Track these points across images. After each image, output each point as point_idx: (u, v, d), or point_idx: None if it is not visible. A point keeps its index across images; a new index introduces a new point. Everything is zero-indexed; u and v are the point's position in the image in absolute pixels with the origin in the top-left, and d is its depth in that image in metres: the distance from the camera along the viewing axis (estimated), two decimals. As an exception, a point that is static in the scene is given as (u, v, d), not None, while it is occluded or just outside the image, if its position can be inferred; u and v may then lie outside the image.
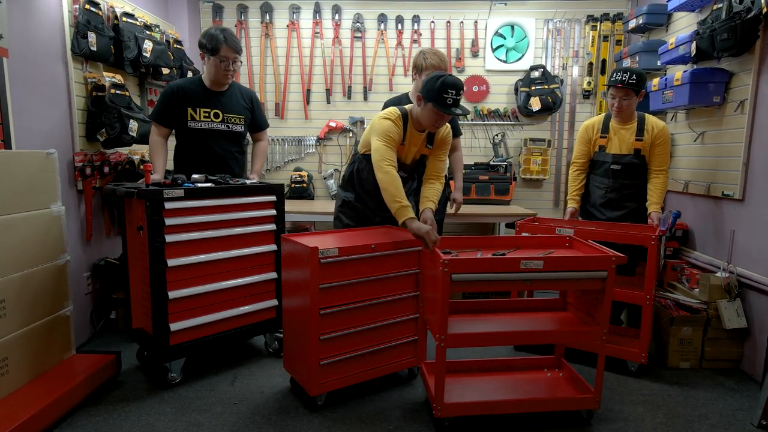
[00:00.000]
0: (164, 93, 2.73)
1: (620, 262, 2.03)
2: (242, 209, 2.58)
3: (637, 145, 2.79)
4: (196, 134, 2.74)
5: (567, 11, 4.19)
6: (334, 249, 2.14)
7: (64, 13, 2.75)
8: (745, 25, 2.54)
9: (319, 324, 2.15)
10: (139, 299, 2.58)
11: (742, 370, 2.73)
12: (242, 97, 2.87)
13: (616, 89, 2.74)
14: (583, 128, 2.98)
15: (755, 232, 2.65)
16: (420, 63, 2.78)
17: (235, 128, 2.83)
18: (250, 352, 2.87)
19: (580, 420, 2.19)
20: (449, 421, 2.08)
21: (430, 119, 2.34)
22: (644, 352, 2.59)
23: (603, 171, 2.88)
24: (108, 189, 2.60)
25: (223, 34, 2.64)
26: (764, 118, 2.62)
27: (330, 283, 2.16)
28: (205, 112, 2.74)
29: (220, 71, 2.69)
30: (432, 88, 2.26)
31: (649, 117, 2.83)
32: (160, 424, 2.13)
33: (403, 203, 2.25)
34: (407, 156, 2.54)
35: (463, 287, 2.07)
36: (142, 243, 2.44)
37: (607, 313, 2.08)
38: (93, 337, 3.02)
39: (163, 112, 2.72)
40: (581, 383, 2.27)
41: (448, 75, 2.30)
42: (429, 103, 2.29)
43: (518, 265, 1.97)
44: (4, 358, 2.03)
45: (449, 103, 2.26)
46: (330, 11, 4.23)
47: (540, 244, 2.42)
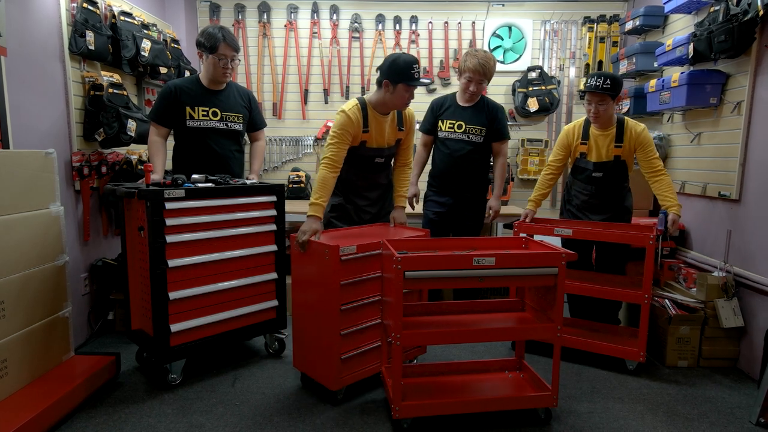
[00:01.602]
0: (162, 92, 2.71)
1: (570, 259, 2.06)
2: (243, 209, 2.58)
3: (617, 152, 2.77)
4: (195, 133, 2.73)
5: (564, 12, 4.22)
6: (353, 246, 2.20)
7: (62, 12, 2.72)
8: (742, 28, 2.56)
9: (340, 320, 2.21)
10: (138, 300, 2.56)
11: (739, 369, 2.76)
12: (240, 95, 2.87)
13: (591, 95, 2.69)
14: (563, 133, 2.94)
15: (751, 231, 2.68)
16: (461, 65, 2.93)
17: (234, 126, 2.82)
18: (249, 353, 2.86)
19: (538, 419, 2.20)
20: (408, 422, 2.09)
21: (402, 98, 2.47)
22: (643, 351, 2.61)
23: (585, 178, 2.89)
24: (107, 189, 2.58)
25: (221, 32, 2.64)
26: (760, 119, 2.65)
27: (349, 280, 2.23)
28: (203, 110, 2.72)
29: (219, 69, 2.68)
30: (397, 70, 2.39)
31: (628, 121, 2.77)
32: (161, 426, 2.12)
33: (314, 201, 2.39)
34: (378, 141, 2.58)
35: (417, 284, 2.10)
36: (141, 243, 2.43)
37: (560, 309, 2.10)
38: (91, 338, 2.99)
39: (161, 111, 2.70)
40: (540, 383, 2.27)
41: (403, 54, 2.46)
42: (399, 84, 2.41)
43: (471, 262, 1.99)
44: (4, 360, 2.01)
45: (416, 77, 2.41)
46: (328, 11, 4.23)
47: (496, 245, 2.44)
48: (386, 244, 2.12)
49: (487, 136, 3.02)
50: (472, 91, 2.93)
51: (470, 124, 2.99)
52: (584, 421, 2.21)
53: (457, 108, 3.03)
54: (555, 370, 2.15)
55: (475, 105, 3.01)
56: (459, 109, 3.03)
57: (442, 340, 2.18)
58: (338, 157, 2.43)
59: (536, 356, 2.86)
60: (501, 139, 3.05)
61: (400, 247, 2.17)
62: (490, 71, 2.90)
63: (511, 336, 2.44)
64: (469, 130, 2.99)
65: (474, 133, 3.00)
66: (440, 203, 3.09)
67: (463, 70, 2.90)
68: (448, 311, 2.43)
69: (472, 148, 3.00)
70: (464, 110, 3.01)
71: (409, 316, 2.34)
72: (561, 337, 2.11)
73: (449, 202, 3.06)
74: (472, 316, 2.41)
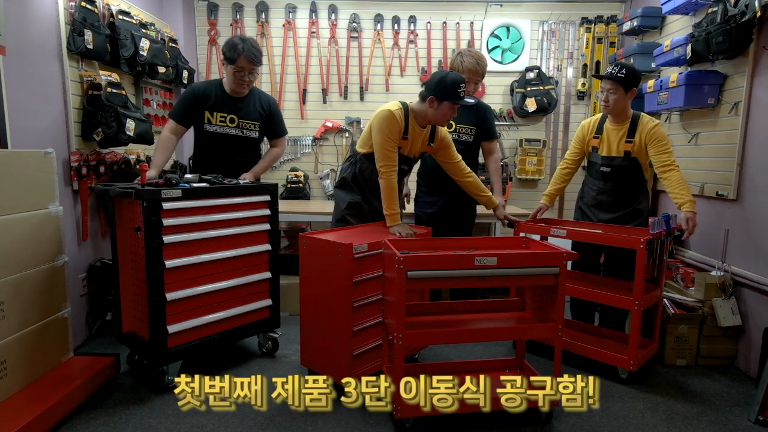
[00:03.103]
0: (186, 93, 2.81)
1: (571, 258, 2.07)
2: (237, 209, 2.58)
3: (627, 147, 2.70)
4: (212, 137, 2.81)
5: (561, 13, 4.23)
6: (364, 245, 2.23)
7: (60, 11, 2.70)
8: (739, 29, 2.58)
9: (352, 316, 2.23)
10: (130, 302, 2.53)
11: (737, 367, 2.78)
12: (260, 103, 2.92)
13: (604, 81, 2.70)
14: (579, 127, 2.96)
15: (749, 231, 2.71)
16: (457, 65, 2.90)
17: (249, 134, 2.88)
18: (243, 354, 2.86)
19: (540, 418, 2.21)
20: (410, 422, 2.10)
21: (446, 115, 2.54)
22: (633, 359, 2.47)
23: (594, 173, 2.85)
24: (98, 189, 2.54)
25: (243, 44, 2.69)
26: (758, 119, 2.67)
27: (361, 277, 2.27)
28: (221, 116, 2.80)
29: (236, 80, 2.75)
30: (445, 88, 2.45)
31: (642, 117, 2.73)
32: (162, 427, 2.11)
33: (394, 212, 2.53)
34: (411, 150, 2.65)
35: (419, 284, 2.11)
36: (134, 245, 2.41)
37: (561, 309, 2.10)
38: (89, 339, 2.97)
39: (182, 111, 2.79)
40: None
41: (450, 72, 2.53)
42: (444, 102, 2.47)
43: (473, 262, 2.00)
44: (3, 361, 2.00)
45: (462, 96, 2.49)
46: (326, 11, 4.22)
47: (497, 244, 2.45)
48: (388, 244, 2.13)
49: (477, 136, 3.04)
50: (470, 91, 2.93)
51: (460, 124, 3.00)
52: (585, 420, 2.23)
53: None
54: (556, 369, 2.15)
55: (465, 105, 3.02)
56: None
57: (444, 340, 2.19)
58: (396, 161, 2.53)
59: (536, 356, 2.87)
60: (490, 139, 3.07)
61: (401, 246, 2.18)
62: (485, 70, 2.94)
63: (513, 335, 2.45)
64: (459, 129, 3.01)
65: (464, 132, 3.01)
66: (431, 203, 3.09)
67: (460, 70, 2.88)
68: (448, 311, 2.43)
69: (462, 148, 3.00)
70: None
71: (409, 316, 2.34)
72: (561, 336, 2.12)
73: (440, 201, 3.06)
74: (473, 315, 2.41)
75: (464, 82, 2.50)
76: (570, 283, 2.69)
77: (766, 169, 2.61)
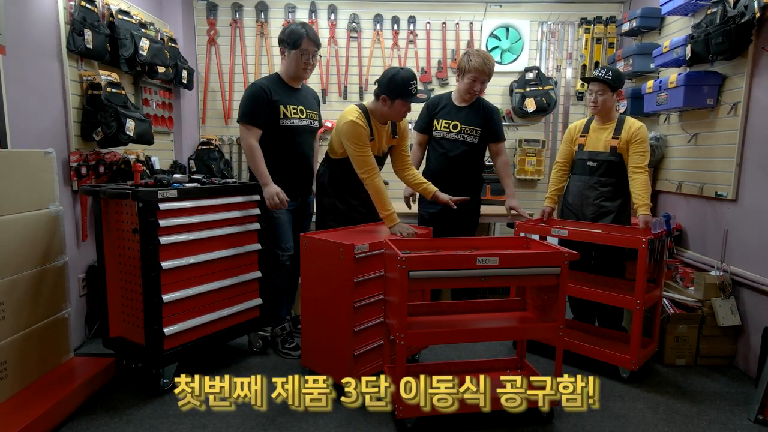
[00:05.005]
0: (253, 94, 2.68)
1: (572, 258, 2.07)
2: (230, 209, 2.60)
3: (613, 143, 2.78)
4: (287, 132, 2.77)
5: (561, 14, 4.24)
6: (365, 245, 2.24)
7: (60, 10, 2.69)
8: (739, 30, 2.59)
9: (353, 317, 2.24)
10: (118, 306, 2.51)
11: (736, 367, 2.79)
12: (312, 94, 2.97)
13: (593, 83, 2.79)
14: (567, 130, 3.02)
15: (748, 231, 2.71)
16: (463, 65, 2.91)
17: (315, 124, 2.93)
18: (235, 353, 2.85)
19: (541, 418, 2.22)
20: (411, 422, 2.10)
21: (400, 112, 2.59)
22: (634, 359, 2.51)
23: (580, 168, 2.90)
24: (87, 189, 2.41)
25: (304, 28, 2.71)
26: (757, 120, 2.68)
27: (362, 277, 2.27)
28: (294, 108, 2.79)
29: (300, 65, 2.74)
30: (396, 86, 2.48)
31: (628, 118, 2.82)
32: (163, 427, 2.11)
33: (390, 212, 2.54)
34: (379, 149, 2.72)
35: (421, 284, 2.11)
36: (125, 247, 2.39)
37: (562, 309, 2.10)
38: (88, 339, 2.96)
39: (257, 113, 2.68)
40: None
41: (401, 69, 2.52)
42: (397, 100, 2.51)
43: (474, 262, 2.00)
44: (3, 362, 1.99)
45: (414, 93, 2.50)
46: (326, 11, 4.22)
47: (498, 244, 2.45)
48: (389, 244, 2.13)
49: (482, 137, 3.04)
50: (476, 90, 2.94)
51: (466, 125, 3.00)
52: (585, 420, 2.23)
53: (453, 108, 3.04)
54: (557, 369, 2.16)
55: (471, 105, 3.03)
56: (455, 109, 3.03)
57: (446, 340, 2.19)
58: (374, 163, 2.56)
59: (537, 356, 2.88)
60: (497, 140, 3.08)
61: (402, 246, 2.18)
62: (492, 70, 2.94)
63: (514, 335, 2.45)
64: (464, 130, 3.01)
65: (469, 133, 3.01)
66: (434, 203, 3.09)
67: (467, 69, 2.89)
68: (449, 311, 2.43)
69: (467, 149, 3.01)
70: (460, 110, 3.02)
71: (410, 316, 2.34)
72: (563, 336, 2.12)
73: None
74: (474, 315, 2.41)
75: (415, 78, 2.50)
76: (570, 283, 2.70)
77: (765, 170, 2.62)
